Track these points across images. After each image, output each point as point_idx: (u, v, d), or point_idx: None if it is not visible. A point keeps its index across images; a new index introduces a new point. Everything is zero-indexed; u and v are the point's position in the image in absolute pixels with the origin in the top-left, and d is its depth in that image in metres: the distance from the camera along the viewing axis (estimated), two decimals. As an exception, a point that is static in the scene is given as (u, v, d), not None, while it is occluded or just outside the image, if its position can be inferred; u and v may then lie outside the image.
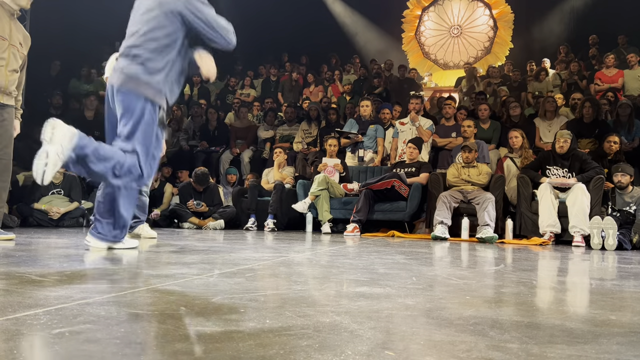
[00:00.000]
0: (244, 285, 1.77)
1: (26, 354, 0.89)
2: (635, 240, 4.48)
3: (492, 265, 2.82)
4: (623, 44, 9.06)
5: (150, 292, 1.56)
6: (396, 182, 5.56)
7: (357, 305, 1.44)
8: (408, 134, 6.46)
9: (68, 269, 2.01)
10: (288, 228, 6.26)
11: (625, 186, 4.82)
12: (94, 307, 1.29)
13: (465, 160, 5.51)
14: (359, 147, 6.83)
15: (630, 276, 2.43)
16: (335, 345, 1.01)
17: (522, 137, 5.71)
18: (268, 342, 1.03)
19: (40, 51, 9.33)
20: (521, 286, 1.95)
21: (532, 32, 11.72)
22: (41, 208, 5.40)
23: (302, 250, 3.26)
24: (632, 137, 6.11)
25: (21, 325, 1.09)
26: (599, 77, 7.89)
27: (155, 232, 4.34)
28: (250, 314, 1.28)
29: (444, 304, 1.52)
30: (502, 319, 1.32)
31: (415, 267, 2.46)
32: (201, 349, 0.96)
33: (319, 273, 2.18)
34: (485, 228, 4.87)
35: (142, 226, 4.13)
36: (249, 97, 9.81)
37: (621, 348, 1.07)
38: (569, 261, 3.29)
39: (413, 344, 1.06)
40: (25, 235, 3.93)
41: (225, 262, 2.44)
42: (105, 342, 0.99)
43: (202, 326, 1.13)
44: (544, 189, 4.92)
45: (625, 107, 6.18)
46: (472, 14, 12.43)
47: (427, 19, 12.79)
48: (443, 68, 12.55)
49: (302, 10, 11.40)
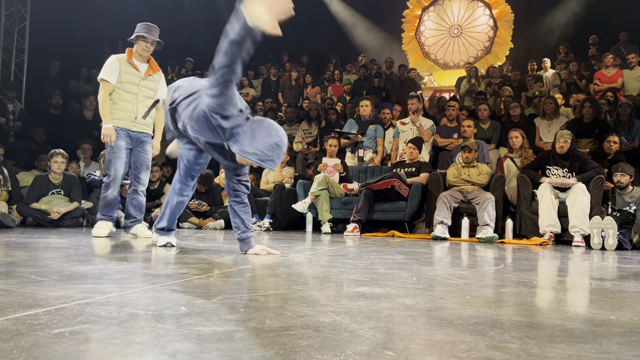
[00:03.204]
0: (244, 285, 1.77)
1: (26, 354, 0.89)
2: (635, 240, 4.48)
3: (492, 265, 2.82)
4: (624, 41, 9.05)
5: (150, 292, 1.56)
6: (396, 182, 5.56)
7: (357, 305, 1.44)
8: (409, 134, 6.46)
9: (68, 269, 2.01)
10: (288, 228, 6.26)
11: (625, 186, 4.82)
12: (94, 307, 1.29)
13: (465, 160, 5.51)
14: (358, 147, 6.83)
15: (630, 276, 2.43)
16: (335, 345, 1.01)
17: (522, 137, 5.71)
18: (268, 342, 1.03)
19: (40, 51, 9.37)
20: (521, 286, 1.95)
21: (532, 32, 11.72)
22: (41, 208, 5.40)
23: (302, 250, 3.26)
24: (632, 137, 6.10)
25: (21, 325, 1.09)
26: (598, 77, 7.88)
27: (151, 232, 4.35)
28: (250, 314, 1.28)
29: (444, 304, 1.52)
30: (502, 319, 1.32)
31: (415, 267, 2.46)
32: (201, 349, 0.96)
33: (319, 273, 2.18)
34: (485, 228, 4.87)
35: (138, 226, 4.14)
36: (249, 97, 9.81)
37: (621, 348, 1.07)
38: (569, 261, 3.29)
39: (413, 344, 1.06)
40: (25, 235, 3.93)
41: (225, 262, 2.44)
42: (105, 342, 0.99)
43: (202, 326, 1.13)
44: (544, 189, 4.92)
45: (626, 107, 6.18)
46: (472, 14, 12.42)
47: (427, 19, 12.79)
48: (443, 68, 12.54)
49: (302, 10, 11.37)
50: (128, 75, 4.04)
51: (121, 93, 4.02)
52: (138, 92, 4.08)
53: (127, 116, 4.04)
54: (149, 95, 4.16)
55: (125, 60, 4.06)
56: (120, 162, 4.01)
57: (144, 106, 4.12)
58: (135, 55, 4.10)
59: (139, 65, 4.10)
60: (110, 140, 3.95)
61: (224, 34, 2.33)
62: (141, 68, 4.11)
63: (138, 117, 4.08)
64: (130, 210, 4.14)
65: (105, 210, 4.06)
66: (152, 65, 4.19)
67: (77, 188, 5.78)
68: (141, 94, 4.10)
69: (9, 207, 5.45)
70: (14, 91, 8.26)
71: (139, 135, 4.13)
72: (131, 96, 4.06)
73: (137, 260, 2.43)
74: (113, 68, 4.00)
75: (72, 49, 9.47)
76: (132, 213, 4.15)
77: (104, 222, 4.03)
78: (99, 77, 4.03)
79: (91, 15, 9.54)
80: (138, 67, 4.09)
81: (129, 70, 4.05)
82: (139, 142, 4.13)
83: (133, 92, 4.06)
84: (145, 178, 4.18)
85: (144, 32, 4.06)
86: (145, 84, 4.12)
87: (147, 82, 4.13)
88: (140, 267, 2.16)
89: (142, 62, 4.12)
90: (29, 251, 2.69)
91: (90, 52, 9.38)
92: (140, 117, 4.10)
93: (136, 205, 4.15)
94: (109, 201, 4.04)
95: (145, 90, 4.13)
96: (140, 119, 4.10)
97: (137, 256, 2.61)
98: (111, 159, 4.01)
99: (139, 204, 4.15)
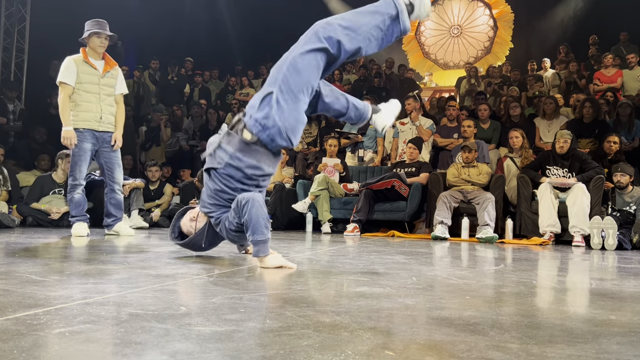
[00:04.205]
0: (244, 285, 1.77)
1: (26, 354, 0.89)
2: (635, 240, 4.48)
3: (492, 265, 2.82)
4: (624, 41, 9.04)
5: (150, 292, 1.56)
6: (396, 182, 5.56)
7: (357, 305, 1.44)
8: (408, 134, 6.46)
9: (68, 269, 2.01)
10: (288, 228, 6.26)
11: (625, 186, 4.82)
12: (94, 307, 1.29)
13: (465, 160, 5.51)
14: (359, 147, 6.83)
15: (630, 276, 2.43)
16: (335, 345, 1.01)
17: (522, 137, 5.71)
18: (268, 342, 1.03)
19: (40, 51, 9.37)
20: (521, 286, 1.95)
21: (532, 32, 11.71)
22: (41, 208, 5.40)
23: (302, 250, 3.25)
24: (632, 137, 6.10)
25: (21, 325, 1.09)
26: (597, 77, 7.88)
27: (133, 230, 4.39)
28: (250, 314, 1.28)
29: (444, 304, 1.52)
30: (502, 319, 1.32)
31: (415, 267, 2.46)
32: (201, 349, 0.96)
33: (319, 273, 2.18)
34: (485, 228, 4.87)
35: (120, 224, 4.20)
36: (249, 97, 9.80)
37: (621, 348, 1.07)
38: (569, 261, 3.29)
39: (413, 344, 1.06)
40: (25, 235, 3.93)
41: (225, 262, 2.44)
42: (105, 342, 0.99)
43: (202, 326, 1.13)
44: (544, 188, 4.92)
45: (626, 107, 6.18)
46: (472, 14, 12.42)
47: (427, 19, 12.79)
48: (443, 68, 12.54)
49: (302, 9, 11.39)
50: (86, 75, 4.03)
51: (82, 94, 4.01)
52: (99, 91, 4.07)
53: (92, 117, 4.04)
54: (110, 93, 4.14)
55: (82, 60, 4.05)
56: (85, 164, 4.05)
57: (107, 104, 4.10)
58: (90, 53, 4.08)
59: (96, 63, 4.08)
60: (71, 144, 3.95)
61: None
62: (98, 66, 4.09)
63: (103, 116, 4.07)
64: (110, 210, 4.20)
65: (77, 211, 4.10)
66: (108, 60, 4.17)
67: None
68: (102, 92, 4.09)
69: (8, 207, 5.45)
70: (14, 91, 8.26)
71: (104, 135, 4.12)
72: (93, 96, 4.05)
73: (137, 260, 2.43)
74: (70, 70, 3.98)
75: (72, 49, 9.44)
76: (112, 212, 4.20)
77: (81, 222, 4.09)
78: (57, 80, 4.01)
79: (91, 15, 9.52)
80: (95, 65, 4.07)
81: (86, 70, 4.03)
82: (105, 142, 4.14)
83: (94, 92, 4.05)
84: (119, 176, 4.21)
85: (97, 28, 4.06)
86: (105, 81, 4.11)
87: (106, 79, 4.12)
88: (140, 267, 2.16)
89: (98, 60, 4.11)
90: (29, 251, 2.69)
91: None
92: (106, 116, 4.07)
93: (115, 204, 4.20)
94: (77, 202, 4.09)
95: (105, 89, 4.11)
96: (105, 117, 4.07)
97: (137, 256, 2.61)
98: (77, 161, 4.04)
99: (118, 203, 4.21)
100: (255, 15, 11.54)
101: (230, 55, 11.81)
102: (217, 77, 10.92)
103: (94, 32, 4.05)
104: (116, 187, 4.20)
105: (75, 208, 4.10)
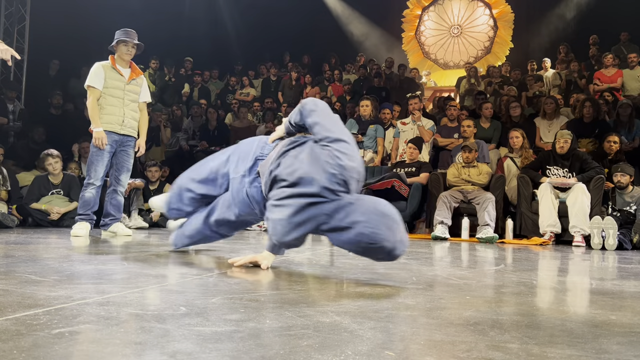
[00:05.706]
0: (244, 285, 1.77)
1: (26, 354, 0.89)
2: (635, 240, 4.48)
3: (492, 265, 2.82)
4: (625, 40, 9.04)
5: (150, 292, 1.56)
6: (396, 182, 5.56)
7: (357, 305, 1.44)
8: (410, 134, 6.46)
9: (68, 269, 2.01)
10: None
11: (625, 186, 4.82)
12: (94, 307, 1.29)
13: (466, 160, 5.51)
14: (359, 147, 6.83)
15: (630, 276, 2.43)
16: (335, 345, 1.01)
17: (522, 137, 5.71)
18: (268, 342, 1.03)
19: (40, 51, 9.37)
20: (521, 286, 1.94)
21: (532, 32, 11.71)
22: (41, 208, 5.40)
23: (302, 250, 3.25)
24: (632, 137, 6.10)
25: (21, 325, 1.08)
26: (597, 77, 7.88)
27: (130, 230, 4.43)
28: (250, 314, 1.28)
29: (444, 304, 1.52)
30: (502, 319, 1.32)
31: (415, 267, 2.45)
32: (201, 349, 0.96)
33: (319, 273, 2.18)
34: (486, 228, 4.87)
35: (117, 224, 4.26)
36: (249, 97, 9.81)
37: (621, 348, 1.07)
38: (569, 261, 3.29)
39: (413, 344, 1.06)
40: (25, 235, 3.93)
41: (226, 262, 2.44)
42: (105, 342, 0.99)
43: (202, 326, 1.13)
44: (544, 188, 4.92)
45: (626, 107, 6.18)
46: (472, 14, 12.42)
47: (427, 19, 12.79)
48: (443, 68, 12.54)
49: (302, 9, 11.40)
50: (113, 80, 4.19)
51: (108, 98, 4.16)
52: (124, 96, 4.23)
53: (114, 120, 4.17)
54: (134, 99, 4.31)
55: (110, 66, 4.21)
56: (101, 165, 4.14)
57: (130, 109, 4.26)
58: (118, 60, 4.25)
59: (123, 70, 4.25)
60: (102, 144, 4.07)
61: None
62: (125, 73, 4.25)
63: (125, 120, 4.21)
64: (109, 210, 4.27)
65: (83, 210, 4.15)
66: (134, 69, 4.34)
67: (76, 188, 5.77)
68: (126, 97, 4.25)
69: (8, 207, 5.45)
70: (14, 91, 8.26)
71: (124, 138, 4.25)
72: (117, 100, 4.20)
73: (136, 260, 2.43)
74: (98, 74, 4.15)
75: (72, 48, 9.47)
76: (111, 212, 4.27)
77: (83, 222, 4.13)
78: (86, 84, 4.21)
79: (91, 15, 9.53)
80: (122, 72, 4.23)
81: (113, 75, 4.20)
82: (123, 145, 4.26)
83: (119, 97, 4.21)
84: (125, 180, 4.32)
85: (124, 37, 4.21)
86: (130, 88, 4.27)
87: (131, 86, 4.28)
88: (140, 267, 2.16)
89: (125, 68, 4.27)
90: (29, 251, 2.69)
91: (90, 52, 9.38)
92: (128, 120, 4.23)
93: (115, 204, 4.28)
94: (86, 200, 4.15)
95: (129, 94, 4.28)
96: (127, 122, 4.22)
97: (136, 256, 2.61)
98: (93, 161, 4.13)
99: (118, 204, 4.29)
100: (255, 15, 11.54)
101: (230, 55, 11.81)
102: (217, 77, 10.92)
103: (122, 40, 4.21)
104: (119, 189, 4.29)
105: (82, 207, 4.16)
